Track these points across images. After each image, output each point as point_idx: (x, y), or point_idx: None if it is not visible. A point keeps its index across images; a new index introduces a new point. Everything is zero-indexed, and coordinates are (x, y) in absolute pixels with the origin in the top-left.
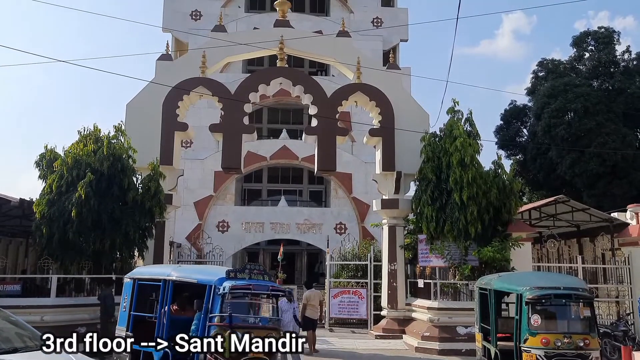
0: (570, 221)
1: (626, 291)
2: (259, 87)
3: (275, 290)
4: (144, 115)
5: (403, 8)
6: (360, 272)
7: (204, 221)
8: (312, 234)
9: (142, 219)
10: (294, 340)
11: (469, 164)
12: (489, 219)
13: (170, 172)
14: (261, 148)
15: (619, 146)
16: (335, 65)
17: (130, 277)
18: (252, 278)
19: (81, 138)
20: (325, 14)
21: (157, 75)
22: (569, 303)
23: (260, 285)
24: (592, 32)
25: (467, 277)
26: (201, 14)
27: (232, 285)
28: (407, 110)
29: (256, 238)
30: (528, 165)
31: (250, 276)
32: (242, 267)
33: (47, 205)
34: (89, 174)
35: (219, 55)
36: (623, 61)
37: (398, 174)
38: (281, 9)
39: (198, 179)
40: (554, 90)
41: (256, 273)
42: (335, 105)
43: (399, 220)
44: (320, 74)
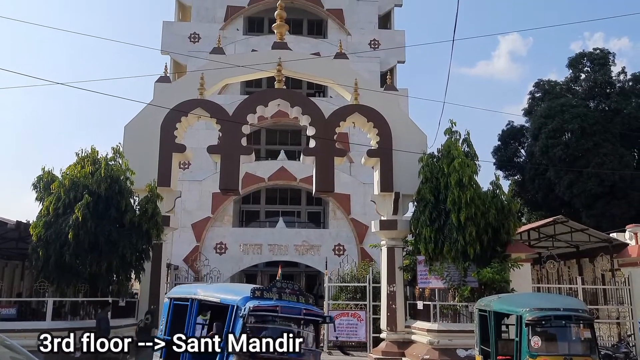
0: (570, 242)
1: (627, 312)
2: (257, 109)
3: (310, 315)
4: (142, 137)
5: (400, 30)
6: (359, 293)
7: (201, 243)
8: (311, 255)
9: (139, 241)
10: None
11: (467, 185)
12: (488, 240)
13: (167, 194)
14: (259, 169)
15: (617, 166)
16: (333, 87)
17: (168, 297)
18: (283, 299)
19: (79, 160)
20: (323, 36)
21: (156, 97)
22: (570, 324)
23: (290, 308)
24: (587, 53)
25: (466, 298)
26: (200, 37)
27: (254, 306)
28: (405, 131)
29: (254, 260)
30: (526, 185)
31: (280, 296)
32: (271, 284)
33: (43, 228)
34: (86, 196)
35: (217, 77)
36: (619, 82)
37: (396, 194)
38: (279, 31)
39: (196, 200)
40: (551, 111)
41: (288, 293)
42: (333, 126)
43: (398, 242)
44: (318, 96)
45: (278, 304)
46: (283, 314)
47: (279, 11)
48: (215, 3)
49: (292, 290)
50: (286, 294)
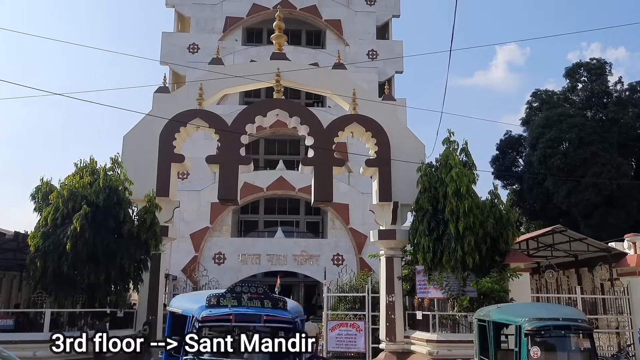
0: (568, 251)
1: (626, 322)
2: (256, 119)
3: (273, 322)
4: (140, 147)
5: (398, 41)
6: (358, 304)
7: (200, 253)
8: (309, 265)
9: (137, 252)
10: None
11: (465, 194)
12: (487, 250)
13: (166, 204)
14: (258, 179)
15: (614, 176)
16: (332, 97)
17: (168, 309)
18: (242, 305)
19: (77, 170)
20: (322, 47)
21: (154, 107)
22: (569, 334)
23: (246, 315)
24: (584, 63)
25: (465, 308)
26: (199, 47)
27: (204, 316)
28: (403, 140)
29: (253, 270)
30: (524, 195)
31: (240, 302)
32: (228, 289)
33: (42, 238)
34: (85, 206)
35: (216, 88)
36: (615, 92)
37: (395, 204)
38: (278, 42)
39: (194, 210)
40: (549, 121)
41: (247, 298)
42: (332, 136)
43: (397, 251)
44: (316, 106)
45: (232, 312)
46: (238, 322)
47: (278, 22)
48: (214, 14)
49: (255, 294)
50: (245, 300)
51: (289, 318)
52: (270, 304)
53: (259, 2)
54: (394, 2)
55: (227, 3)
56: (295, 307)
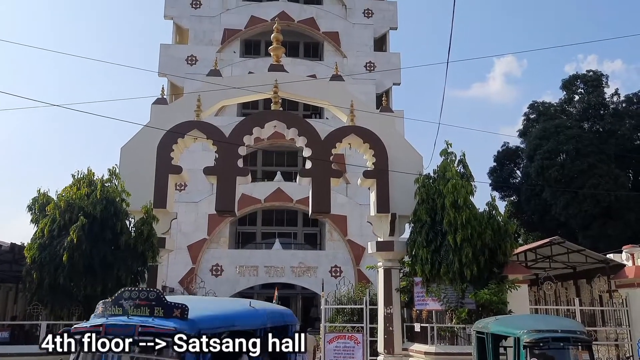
0: (566, 262)
1: (625, 334)
2: (254, 130)
3: (147, 334)
4: (138, 158)
5: (395, 53)
6: (356, 316)
7: (197, 265)
8: (307, 277)
9: (134, 263)
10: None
11: (463, 206)
12: (485, 261)
13: (163, 216)
14: (255, 190)
15: (612, 187)
16: (329, 108)
17: None
18: (125, 314)
19: (75, 181)
20: (319, 59)
21: (152, 118)
22: (568, 346)
23: (119, 327)
24: (581, 75)
25: (464, 320)
26: (197, 59)
27: (74, 328)
28: (401, 152)
29: (250, 282)
30: (522, 206)
31: (125, 310)
32: (118, 294)
33: (38, 250)
34: (82, 217)
35: (214, 99)
36: (612, 103)
37: (393, 215)
38: (275, 53)
39: (192, 222)
40: (546, 132)
41: (136, 305)
42: (330, 147)
43: (395, 263)
44: (314, 117)
45: (102, 323)
46: (109, 334)
47: (276, 34)
48: (212, 26)
49: (142, 301)
50: (130, 307)
51: (169, 329)
52: (163, 312)
53: (257, 14)
54: (392, 14)
55: (225, 15)
56: (270, 312)
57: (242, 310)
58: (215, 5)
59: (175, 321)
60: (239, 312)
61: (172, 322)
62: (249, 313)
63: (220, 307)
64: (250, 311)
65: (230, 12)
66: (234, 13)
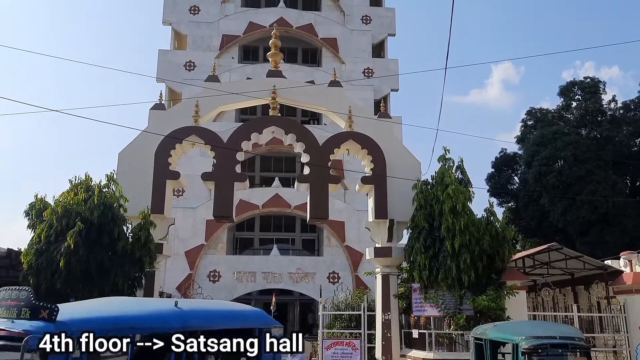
0: (564, 269)
1: (623, 340)
2: (252, 136)
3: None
4: (136, 163)
5: (393, 59)
6: (353, 322)
7: (195, 271)
8: (305, 283)
9: (131, 269)
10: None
11: (461, 212)
12: (483, 267)
13: (161, 221)
14: (253, 196)
15: (610, 194)
16: (327, 114)
17: None
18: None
19: (72, 187)
20: (318, 65)
21: (150, 124)
22: (566, 353)
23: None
24: (578, 82)
25: (462, 326)
26: (195, 65)
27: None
28: (399, 158)
29: (248, 288)
30: (520, 212)
31: None
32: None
33: (35, 255)
34: (79, 223)
35: (212, 105)
36: (609, 110)
37: (391, 221)
38: (274, 59)
39: (189, 228)
40: (543, 139)
41: (8, 306)
42: (328, 153)
43: (393, 269)
44: (312, 123)
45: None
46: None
47: (274, 40)
48: (210, 32)
49: (12, 302)
50: (3, 308)
51: (17, 332)
52: (29, 313)
53: (256, 20)
54: (390, 21)
55: (223, 21)
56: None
57: (152, 312)
58: (213, 12)
59: (39, 323)
60: (147, 314)
61: (37, 324)
62: (163, 315)
63: (122, 309)
64: (168, 313)
65: (229, 18)
66: (233, 19)
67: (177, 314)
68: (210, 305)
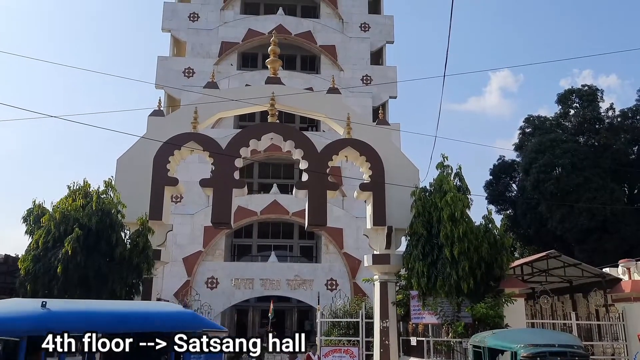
0: (563, 276)
1: (622, 348)
2: (250, 142)
3: None
4: (134, 170)
5: (392, 66)
6: (352, 329)
7: (192, 277)
8: (303, 290)
9: (129, 275)
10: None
11: (460, 219)
12: (481, 275)
13: (159, 228)
14: (251, 203)
15: (608, 201)
16: (326, 121)
17: None
18: None
19: (70, 193)
20: (316, 72)
21: (149, 130)
22: None
23: None
24: (576, 90)
25: (460, 334)
26: (194, 72)
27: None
28: (397, 165)
29: (246, 295)
30: (518, 220)
31: None
32: None
33: (32, 262)
34: (77, 229)
35: (210, 111)
36: (607, 118)
37: (389, 228)
38: (272, 66)
39: (187, 234)
40: (541, 146)
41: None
42: (326, 160)
43: (391, 276)
44: (310, 130)
45: None
46: None
47: (273, 47)
48: (209, 39)
49: None
50: None
51: None
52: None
53: (255, 27)
54: (388, 28)
55: (222, 28)
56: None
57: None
58: (212, 19)
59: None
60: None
61: None
62: (19, 316)
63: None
64: (28, 314)
65: (228, 25)
66: (232, 26)
67: (52, 315)
68: (105, 306)
